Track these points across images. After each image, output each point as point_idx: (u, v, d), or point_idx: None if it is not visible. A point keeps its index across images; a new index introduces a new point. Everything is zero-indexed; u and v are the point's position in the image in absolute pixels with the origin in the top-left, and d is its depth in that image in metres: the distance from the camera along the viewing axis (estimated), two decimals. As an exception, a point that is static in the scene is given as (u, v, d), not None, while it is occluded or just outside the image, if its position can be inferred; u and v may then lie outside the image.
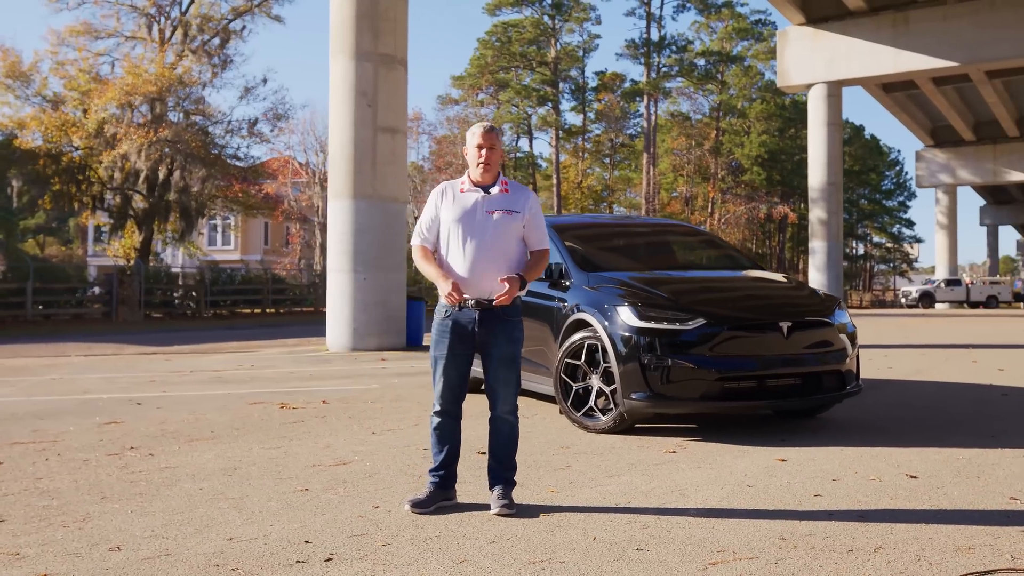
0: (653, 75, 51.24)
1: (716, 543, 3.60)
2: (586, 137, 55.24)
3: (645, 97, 51.56)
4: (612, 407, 6.08)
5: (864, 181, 63.75)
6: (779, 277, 7.63)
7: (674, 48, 52.08)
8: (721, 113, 55.16)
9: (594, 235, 8.04)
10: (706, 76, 53.29)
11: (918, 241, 73.18)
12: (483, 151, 4.17)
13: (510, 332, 4.16)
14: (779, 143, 54.66)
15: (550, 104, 51.17)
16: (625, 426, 6.12)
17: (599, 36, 70.26)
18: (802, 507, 4.19)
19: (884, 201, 68.48)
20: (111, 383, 9.77)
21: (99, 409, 7.56)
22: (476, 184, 4.22)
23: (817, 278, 30.23)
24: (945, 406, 7.71)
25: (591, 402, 6.25)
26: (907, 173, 68.34)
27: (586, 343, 6.25)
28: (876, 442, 5.84)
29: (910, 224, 70.70)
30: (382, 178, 14.23)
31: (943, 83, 35.35)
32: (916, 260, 75.70)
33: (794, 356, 6.07)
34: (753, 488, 4.57)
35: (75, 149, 31.06)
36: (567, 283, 6.73)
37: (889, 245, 71.44)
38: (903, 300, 50.54)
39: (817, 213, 31.17)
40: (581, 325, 6.39)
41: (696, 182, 55.35)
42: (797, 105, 52.54)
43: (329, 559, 3.41)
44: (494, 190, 4.20)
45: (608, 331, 6.07)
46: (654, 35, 51.57)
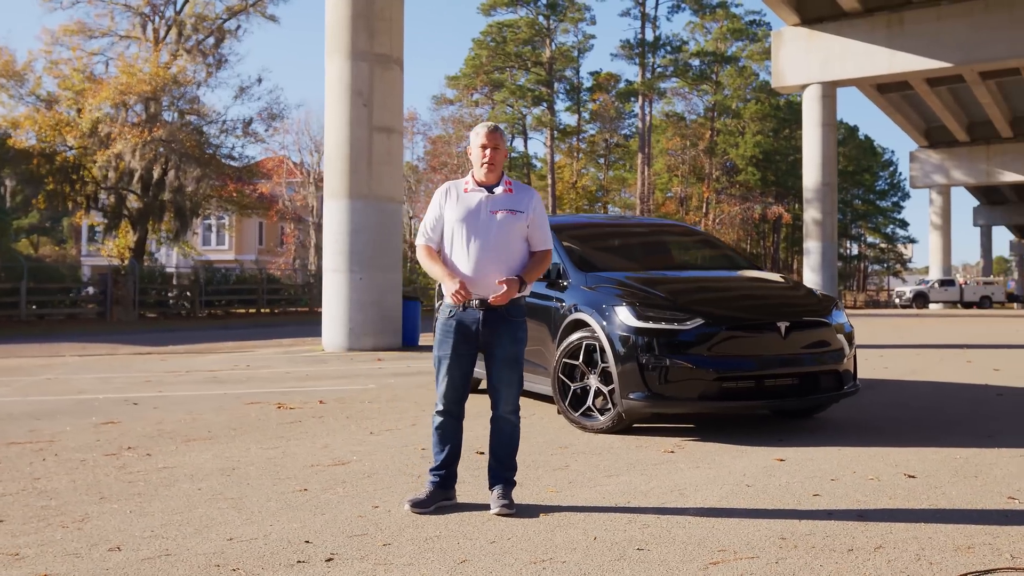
0: (648, 75, 51.27)
1: (716, 543, 3.61)
2: (581, 137, 55.22)
3: (640, 97, 51.57)
4: (610, 407, 6.08)
5: (858, 182, 63.94)
6: (776, 277, 7.64)
7: (669, 48, 52.15)
8: (716, 113, 55.23)
9: (591, 235, 8.03)
10: (701, 76, 53.33)
11: (912, 242, 73.60)
12: (487, 151, 4.17)
13: (514, 332, 4.17)
14: (774, 144, 54.77)
15: (545, 104, 51.14)
16: (623, 426, 6.12)
17: (594, 36, 70.02)
18: (801, 507, 4.20)
19: (878, 201, 68.68)
20: (106, 383, 9.74)
21: (95, 409, 7.54)
22: (480, 184, 4.21)
23: (812, 278, 30.29)
24: (941, 406, 7.73)
25: (589, 402, 6.25)
26: (901, 174, 68.65)
27: (584, 343, 6.25)
28: (874, 442, 5.86)
29: (904, 225, 70.95)
30: (378, 178, 14.23)
31: (937, 84, 35.46)
32: (910, 260, 76.06)
33: (792, 356, 6.08)
34: (752, 488, 4.58)
35: (69, 148, 31.01)
36: (565, 283, 6.72)
37: (883, 245, 71.71)
38: (897, 300, 50.70)
39: (812, 213, 31.24)
40: (579, 325, 6.38)
41: (691, 182, 55.38)
42: (792, 106, 52.67)
43: (330, 559, 3.40)
44: (498, 190, 4.20)
45: (606, 331, 6.06)
46: (649, 35, 51.65)
